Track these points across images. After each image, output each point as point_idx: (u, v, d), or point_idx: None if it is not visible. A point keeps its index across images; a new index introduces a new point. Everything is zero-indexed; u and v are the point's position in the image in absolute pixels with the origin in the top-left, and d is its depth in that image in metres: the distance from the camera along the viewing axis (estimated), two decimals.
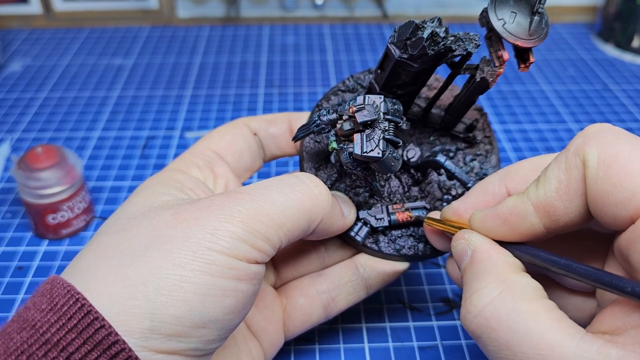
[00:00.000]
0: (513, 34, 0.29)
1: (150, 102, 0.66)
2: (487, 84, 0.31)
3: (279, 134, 0.37)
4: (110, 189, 0.53)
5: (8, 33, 0.82)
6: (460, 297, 0.42)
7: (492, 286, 0.24)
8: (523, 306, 0.23)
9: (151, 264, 0.24)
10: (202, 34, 0.82)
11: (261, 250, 0.26)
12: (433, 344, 0.39)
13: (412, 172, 0.36)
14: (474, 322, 0.24)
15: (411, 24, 0.29)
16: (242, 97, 0.67)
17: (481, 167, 0.37)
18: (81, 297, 0.23)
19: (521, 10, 0.30)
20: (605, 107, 0.66)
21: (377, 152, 0.28)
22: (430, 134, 0.37)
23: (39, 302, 0.23)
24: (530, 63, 0.31)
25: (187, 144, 0.59)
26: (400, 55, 0.30)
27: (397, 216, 0.34)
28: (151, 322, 0.23)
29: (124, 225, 0.27)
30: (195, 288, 0.24)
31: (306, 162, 0.35)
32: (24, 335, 0.22)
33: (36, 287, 0.23)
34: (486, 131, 0.38)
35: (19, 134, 0.61)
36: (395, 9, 0.85)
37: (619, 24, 0.76)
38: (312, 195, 0.28)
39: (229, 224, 0.25)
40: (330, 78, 0.71)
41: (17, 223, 0.49)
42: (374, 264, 0.34)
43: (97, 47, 0.79)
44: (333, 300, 0.35)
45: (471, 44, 0.30)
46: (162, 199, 0.29)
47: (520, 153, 0.58)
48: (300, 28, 0.85)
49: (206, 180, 0.33)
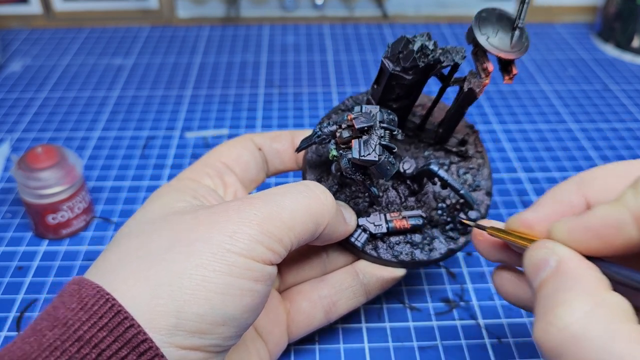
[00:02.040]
0: (496, 47, 0.32)
1: (150, 102, 0.66)
2: (475, 94, 0.34)
3: (282, 149, 0.39)
4: (110, 189, 0.53)
5: (8, 33, 0.82)
6: (460, 297, 0.42)
7: (584, 301, 0.21)
8: (619, 328, 0.20)
9: (175, 265, 0.25)
10: (202, 34, 0.83)
11: (275, 252, 0.27)
12: (433, 344, 0.39)
13: (409, 183, 0.38)
14: (557, 337, 0.21)
15: (402, 39, 0.32)
16: (242, 97, 0.67)
17: (474, 179, 0.39)
18: (111, 297, 0.24)
19: (503, 26, 0.32)
20: (605, 107, 0.66)
21: (374, 156, 0.30)
22: (425, 149, 0.39)
23: (68, 301, 0.24)
24: (513, 75, 0.33)
25: (187, 144, 0.59)
26: (394, 68, 0.33)
27: (395, 223, 0.36)
28: (176, 320, 0.24)
29: (145, 229, 0.28)
30: (216, 287, 0.25)
31: (308, 174, 0.37)
32: (57, 332, 0.23)
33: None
34: (478, 147, 0.40)
35: (19, 134, 0.61)
36: (395, 9, 0.85)
37: (619, 24, 0.76)
38: (319, 200, 0.30)
39: (246, 227, 0.26)
40: (330, 78, 0.71)
41: (17, 223, 0.49)
42: (373, 270, 0.36)
43: (97, 47, 0.79)
44: (334, 305, 0.36)
45: (458, 55, 0.33)
46: (179, 205, 0.30)
47: (520, 153, 0.58)
48: (300, 28, 0.85)
49: (217, 188, 0.35)
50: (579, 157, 0.57)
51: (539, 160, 0.57)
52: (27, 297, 0.42)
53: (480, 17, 0.33)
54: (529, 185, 0.54)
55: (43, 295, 0.42)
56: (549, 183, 0.54)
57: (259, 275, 0.26)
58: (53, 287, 0.43)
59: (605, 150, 0.59)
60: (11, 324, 0.40)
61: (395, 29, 0.84)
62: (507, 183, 0.54)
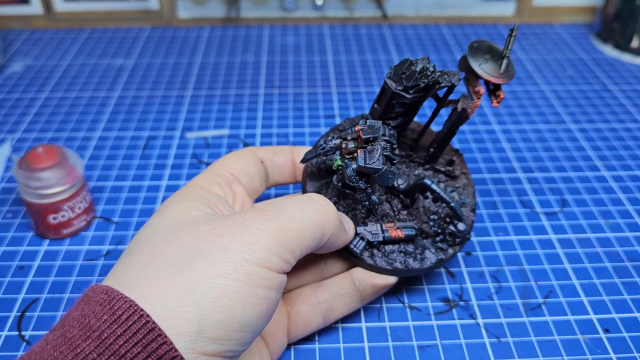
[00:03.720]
0: (488, 73, 0.36)
1: (151, 102, 0.66)
2: (467, 114, 0.37)
3: (282, 163, 0.42)
4: (111, 189, 0.53)
5: (9, 33, 0.82)
6: (459, 297, 0.42)
7: None
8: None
9: (197, 274, 0.26)
10: (202, 34, 0.83)
11: (287, 262, 0.29)
12: (432, 344, 0.39)
13: (402, 198, 0.41)
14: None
15: (406, 61, 0.35)
16: (243, 98, 0.67)
17: (460, 197, 0.42)
18: (145, 314, 0.24)
19: (492, 56, 0.37)
20: (604, 108, 0.66)
21: (378, 164, 0.33)
22: (416, 168, 0.43)
23: (98, 312, 0.25)
24: (501, 99, 0.37)
25: (188, 144, 0.59)
26: (396, 87, 0.35)
27: (391, 233, 0.38)
28: (199, 327, 0.25)
29: (164, 238, 0.29)
30: (236, 296, 0.26)
31: (308, 185, 0.40)
32: (92, 345, 0.24)
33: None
34: (462, 168, 0.44)
35: (19, 134, 0.61)
36: (395, 9, 0.85)
37: (618, 25, 0.76)
38: (325, 212, 0.32)
39: (263, 238, 0.28)
40: (330, 78, 0.71)
41: (18, 223, 0.49)
42: (368, 278, 0.38)
43: (98, 47, 0.79)
44: (331, 310, 0.38)
45: (454, 77, 0.36)
46: (193, 214, 0.31)
47: (520, 153, 0.58)
48: (300, 28, 0.85)
49: (226, 197, 0.36)
50: (578, 157, 0.58)
51: (538, 160, 0.57)
52: (28, 296, 0.42)
53: (472, 47, 0.37)
54: (528, 185, 0.54)
55: (44, 295, 0.42)
56: (548, 183, 0.54)
57: (274, 284, 0.28)
58: (54, 286, 0.43)
59: (604, 151, 0.59)
60: (12, 323, 0.40)
61: (394, 30, 0.84)
62: (507, 183, 0.54)
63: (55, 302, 0.42)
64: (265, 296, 0.27)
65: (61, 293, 0.42)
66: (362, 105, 0.66)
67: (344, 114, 0.64)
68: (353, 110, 0.65)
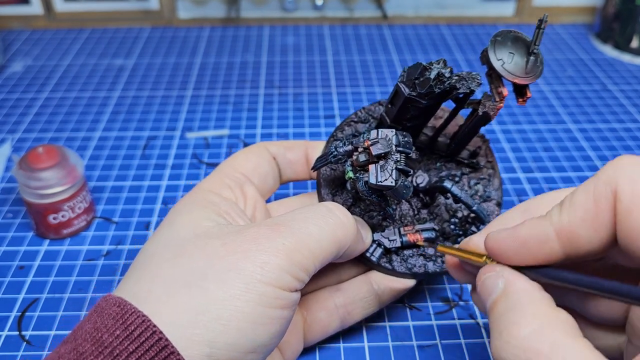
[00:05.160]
0: (511, 73, 0.32)
1: (151, 102, 0.66)
2: (489, 117, 0.34)
3: (295, 159, 0.40)
4: (111, 189, 0.53)
5: (9, 34, 0.82)
6: (459, 297, 0.42)
7: (532, 319, 0.23)
8: (564, 341, 0.22)
9: (209, 294, 0.26)
10: (202, 34, 0.83)
11: (300, 280, 0.28)
12: (432, 343, 0.39)
13: (421, 196, 0.39)
14: (511, 353, 0.23)
15: (419, 66, 0.32)
16: (243, 98, 0.67)
17: (484, 190, 0.40)
18: (158, 330, 0.24)
19: (518, 50, 0.33)
20: (604, 108, 0.66)
21: (391, 181, 0.31)
22: (437, 160, 0.40)
23: (110, 325, 0.25)
24: (527, 97, 0.34)
25: (188, 144, 0.59)
26: (409, 93, 0.33)
27: (409, 237, 0.37)
28: (209, 349, 0.25)
29: (175, 252, 0.28)
30: (248, 317, 0.26)
31: (323, 188, 0.38)
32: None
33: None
34: (488, 157, 0.40)
35: (20, 134, 0.61)
36: (395, 9, 0.85)
37: (617, 25, 0.76)
38: (342, 225, 0.31)
39: (276, 257, 0.27)
40: (330, 79, 0.71)
41: (18, 223, 0.49)
42: (387, 282, 0.37)
43: (98, 47, 0.79)
44: (349, 314, 0.37)
45: (473, 82, 0.33)
46: (205, 225, 0.30)
47: (519, 153, 0.58)
48: (300, 29, 0.85)
49: (237, 200, 0.35)
50: (577, 157, 0.58)
51: (538, 160, 0.57)
52: (28, 296, 0.42)
53: (495, 41, 0.33)
54: (528, 185, 0.54)
55: (44, 295, 0.42)
56: (547, 183, 0.54)
57: (286, 303, 0.27)
58: (54, 286, 0.43)
59: (604, 151, 0.59)
60: (12, 323, 0.40)
61: (394, 30, 0.84)
62: (506, 183, 0.54)
63: (55, 302, 0.42)
64: (277, 316, 0.27)
65: (61, 293, 0.42)
66: (362, 106, 0.66)
67: (344, 114, 0.64)
68: (353, 110, 0.65)
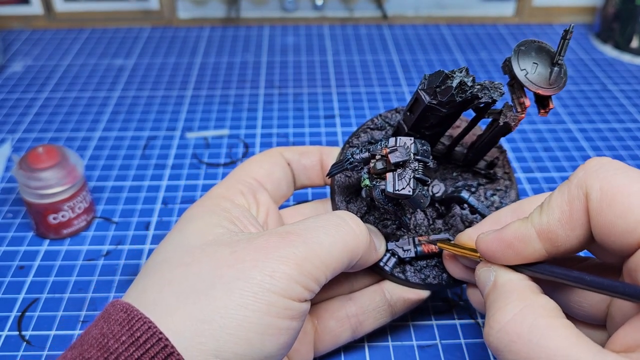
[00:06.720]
0: (535, 83, 0.32)
1: (151, 102, 0.66)
2: (510, 128, 0.33)
3: (310, 165, 0.39)
4: (111, 189, 0.53)
5: (9, 34, 0.82)
6: (459, 297, 0.42)
7: (514, 304, 0.25)
8: (543, 322, 0.24)
9: (216, 304, 0.26)
10: (202, 34, 0.83)
11: (310, 290, 0.28)
12: (432, 343, 0.39)
13: (437, 206, 0.38)
14: (496, 337, 0.25)
15: (441, 74, 0.31)
16: (243, 98, 0.67)
17: (501, 202, 0.39)
18: (164, 337, 0.24)
19: (542, 61, 0.32)
20: (604, 108, 0.66)
21: (408, 190, 0.30)
22: (453, 170, 0.39)
23: (117, 332, 0.25)
24: (549, 109, 0.33)
25: (188, 144, 0.59)
26: (430, 101, 0.32)
27: (423, 248, 0.36)
28: (216, 358, 0.25)
29: (184, 260, 0.28)
30: (256, 327, 0.26)
31: (337, 195, 0.37)
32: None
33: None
34: (506, 168, 0.40)
35: (20, 134, 0.61)
36: (395, 10, 0.85)
37: (617, 25, 0.76)
38: (354, 235, 0.30)
39: (285, 266, 0.27)
40: (330, 79, 0.71)
41: (18, 223, 0.49)
42: (400, 292, 0.36)
43: (98, 47, 0.79)
44: (361, 324, 0.36)
45: (496, 92, 0.32)
46: (216, 232, 0.30)
47: (519, 153, 0.58)
48: (300, 29, 0.85)
49: (250, 207, 0.35)
50: (577, 157, 0.58)
51: (538, 160, 0.57)
52: (28, 296, 0.42)
53: (519, 50, 0.32)
54: (528, 185, 0.54)
55: (44, 295, 0.42)
56: (547, 183, 0.54)
57: (295, 314, 0.27)
58: (54, 286, 0.43)
59: (603, 151, 0.59)
60: (12, 323, 0.40)
61: (394, 30, 0.84)
62: None
63: (55, 302, 0.42)
64: (286, 327, 0.27)
65: (61, 293, 0.42)
66: (362, 106, 0.66)
67: (344, 114, 0.64)
68: (353, 110, 0.65)
